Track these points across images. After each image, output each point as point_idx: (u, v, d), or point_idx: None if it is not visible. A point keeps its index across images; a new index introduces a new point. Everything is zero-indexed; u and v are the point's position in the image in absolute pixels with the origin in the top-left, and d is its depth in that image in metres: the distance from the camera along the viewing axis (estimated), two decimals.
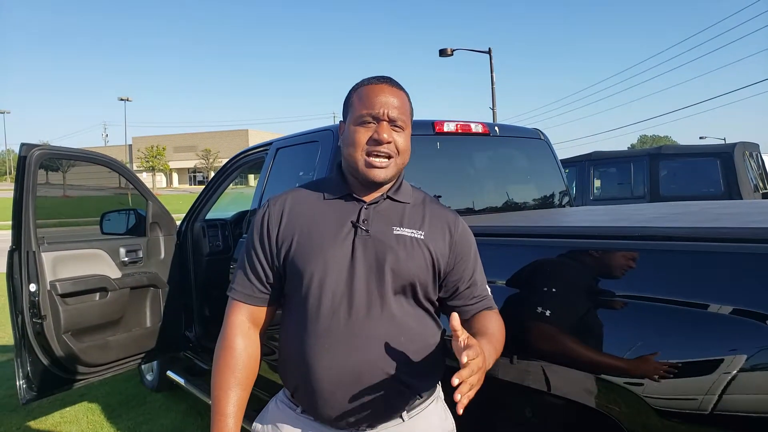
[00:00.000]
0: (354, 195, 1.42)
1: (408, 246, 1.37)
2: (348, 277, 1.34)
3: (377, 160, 1.35)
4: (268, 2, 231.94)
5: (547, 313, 1.64)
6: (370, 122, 1.36)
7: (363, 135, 1.36)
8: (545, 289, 1.72)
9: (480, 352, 1.13)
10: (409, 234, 1.39)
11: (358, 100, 1.39)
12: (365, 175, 1.37)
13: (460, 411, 1.05)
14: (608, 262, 1.62)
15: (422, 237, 1.40)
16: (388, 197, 1.44)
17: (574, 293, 1.65)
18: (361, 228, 1.37)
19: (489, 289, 1.50)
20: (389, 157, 1.37)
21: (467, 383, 1.07)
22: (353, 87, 1.45)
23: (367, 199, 1.42)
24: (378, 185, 1.41)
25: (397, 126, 1.38)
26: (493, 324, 1.41)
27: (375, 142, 1.35)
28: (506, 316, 1.51)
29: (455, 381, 1.06)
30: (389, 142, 1.36)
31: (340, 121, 1.50)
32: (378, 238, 1.37)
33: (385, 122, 1.36)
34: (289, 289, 1.42)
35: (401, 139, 1.38)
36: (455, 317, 1.16)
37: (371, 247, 1.36)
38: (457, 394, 1.05)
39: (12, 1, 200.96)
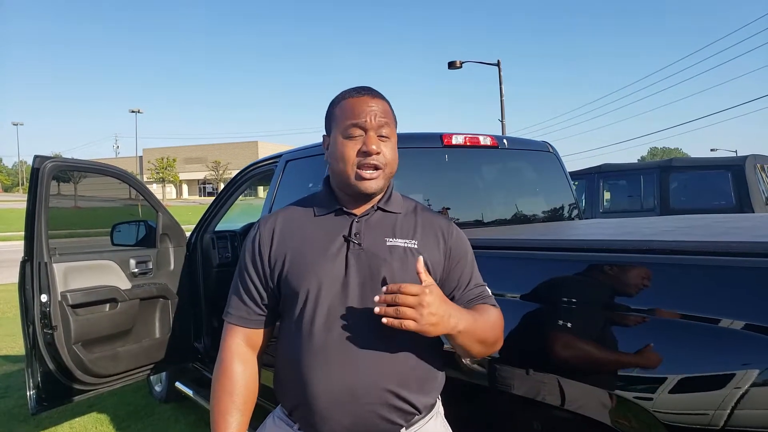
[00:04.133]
0: (344, 209, 1.41)
1: (402, 257, 1.36)
2: (342, 292, 1.33)
3: (367, 172, 1.34)
4: (278, 16, 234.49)
5: (555, 326, 1.64)
6: (357, 134, 1.35)
7: (351, 148, 1.35)
8: (553, 302, 1.71)
9: (425, 289, 1.17)
10: (403, 244, 1.38)
11: (342, 112, 1.38)
12: (356, 187, 1.36)
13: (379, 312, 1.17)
14: (616, 276, 1.61)
15: (416, 246, 1.39)
16: (378, 209, 1.43)
17: (582, 307, 1.64)
18: (353, 242, 1.36)
19: (489, 291, 1.48)
20: (377, 168, 1.35)
21: (396, 308, 1.15)
22: (334, 100, 1.44)
23: (358, 212, 1.41)
24: (368, 197, 1.40)
25: (383, 135, 1.37)
26: (487, 310, 1.39)
27: (364, 154, 1.34)
28: (514, 328, 1.50)
29: (383, 289, 1.17)
30: (378, 153, 1.34)
31: (324, 136, 1.49)
32: (371, 251, 1.36)
33: (372, 132, 1.35)
34: (284, 308, 1.42)
35: (388, 149, 1.37)
36: (419, 260, 1.23)
37: (365, 260, 1.35)
38: (379, 307, 1.17)
39: (25, 14, 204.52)
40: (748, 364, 1.23)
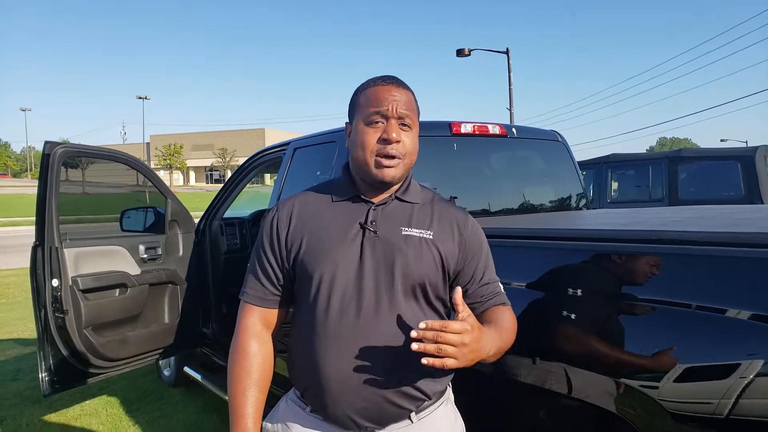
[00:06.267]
0: (362, 196, 1.42)
1: (417, 246, 1.37)
2: (357, 278, 1.34)
3: (386, 160, 1.35)
4: (285, 3, 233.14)
5: (563, 315, 1.65)
6: (378, 121, 1.35)
7: (372, 135, 1.35)
8: (561, 291, 1.72)
9: (469, 330, 1.14)
10: (418, 234, 1.39)
11: (365, 100, 1.39)
12: (375, 175, 1.36)
13: (414, 347, 1.11)
14: (624, 266, 1.62)
15: (431, 237, 1.39)
16: (396, 198, 1.43)
17: (590, 296, 1.65)
18: (369, 229, 1.37)
19: (501, 287, 1.49)
20: (396, 157, 1.36)
21: (437, 345, 1.11)
22: (358, 88, 1.45)
23: (375, 200, 1.42)
24: (386, 185, 1.40)
25: (405, 125, 1.37)
26: (503, 318, 1.40)
27: (384, 141, 1.34)
28: (522, 317, 1.51)
29: (421, 324, 1.11)
30: (398, 142, 1.35)
31: (346, 123, 1.50)
32: (386, 239, 1.37)
33: (393, 120, 1.35)
34: (298, 290, 1.43)
35: (409, 139, 1.38)
36: (458, 291, 1.19)
37: (380, 248, 1.36)
38: (418, 344, 1.11)
39: (33, 1, 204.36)
40: (756, 354, 1.23)
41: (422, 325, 1.11)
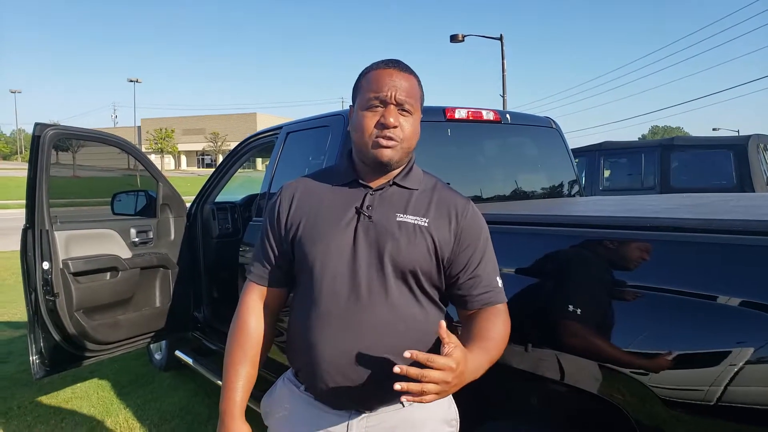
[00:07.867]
0: (361, 181, 1.43)
1: (410, 233, 1.36)
2: (350, 262, 1.35)
3: (384, 140, 1.35)
4: None
5: (556, 302, 1.65)
6: (377, 106, 1.35)
7: (370, 119, 1.35)
8: (554, 278, 1.72)
9: (454, 368, 1.09)
10: (412, 221, 1.38)
11: (367, 84, 1.38)
12: (372, 155, 1.36)
13: (398, 387, 1.07)
14: (618, 253, 1.62)
15: (425, 224, 1.38)
16: (394, 183, 1.43)
17: (583, 283, 1.65)
18: (364, 214, 1.38)
19: (500, 281, 1.44)
20: (394, 140, 1.35)
21: (421, 385, 1.07)
22: (363, 71, 1.44)
23: (374, 185, 1.42)
24: (385, 168, 1.40)
25: (404, 110, 1.36)
26: (495, 326, 1.35)
27: (381, 126, 1.34)
28: (514, 304, 1.51)
29: (406, 354, 1.07)
30: (395, 127, 1.34)
31: (350, 106, 1.49)
32: (380, 225, 1.37)
33: (392, 106, 1.34)
34: (296, 271, 1.46)
35: (408, 124, 1.37)
36: (442, 325, 1.13)
37: (373, 233, 1.36)
38: (401, 384, 1.06)
39: None
40: (748, 341, 1.24)
41: (407, 354, 1.07)
